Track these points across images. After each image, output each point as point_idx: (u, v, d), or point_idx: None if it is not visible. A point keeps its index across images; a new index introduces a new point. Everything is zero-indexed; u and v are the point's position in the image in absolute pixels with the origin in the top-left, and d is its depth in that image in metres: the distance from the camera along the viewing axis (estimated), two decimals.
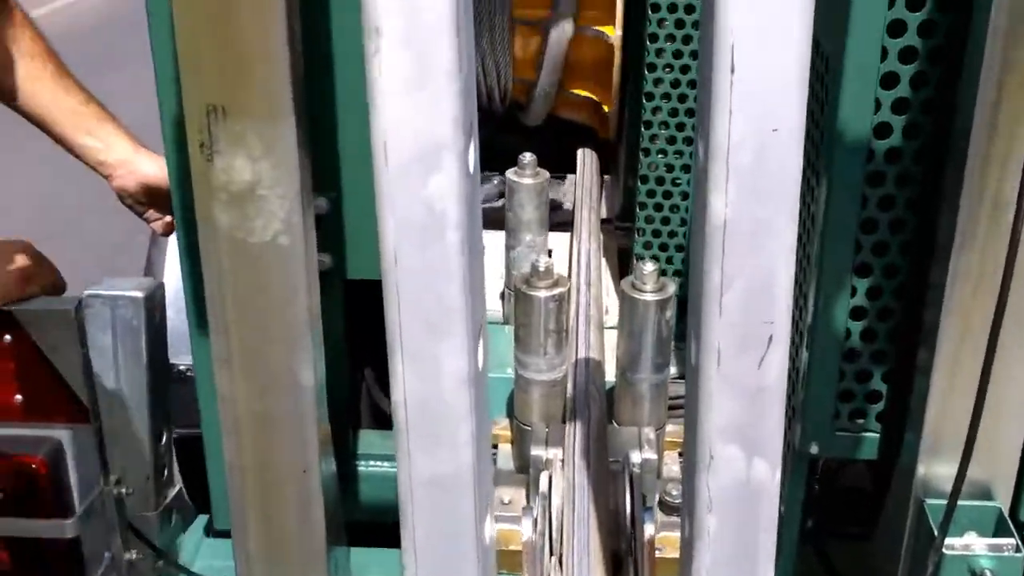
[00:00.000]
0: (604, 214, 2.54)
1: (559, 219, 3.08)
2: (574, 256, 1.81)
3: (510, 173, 1.62)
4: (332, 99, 1.11)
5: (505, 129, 2.24)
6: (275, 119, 0.86)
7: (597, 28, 1.89)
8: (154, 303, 1.17)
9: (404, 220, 0.64)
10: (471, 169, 0.67)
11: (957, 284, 1.05)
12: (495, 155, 2.38)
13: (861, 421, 1.19)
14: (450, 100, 0.61)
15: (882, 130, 1.03)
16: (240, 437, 0.99)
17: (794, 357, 1.21)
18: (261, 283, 0.91)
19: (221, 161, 0.86)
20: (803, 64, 0.64)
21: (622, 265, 2.05)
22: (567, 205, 2.95)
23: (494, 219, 1.81)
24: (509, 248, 1.66)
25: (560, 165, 2.38)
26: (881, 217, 1.08)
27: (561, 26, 1.90)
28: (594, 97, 2.03)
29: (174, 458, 1.27)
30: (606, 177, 2.44)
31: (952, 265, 1.05)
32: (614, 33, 1.84)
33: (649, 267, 1.32)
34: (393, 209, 0.64)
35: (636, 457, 1.31)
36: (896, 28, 0.99)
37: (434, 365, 0.68)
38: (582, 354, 1.52)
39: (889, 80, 1.01)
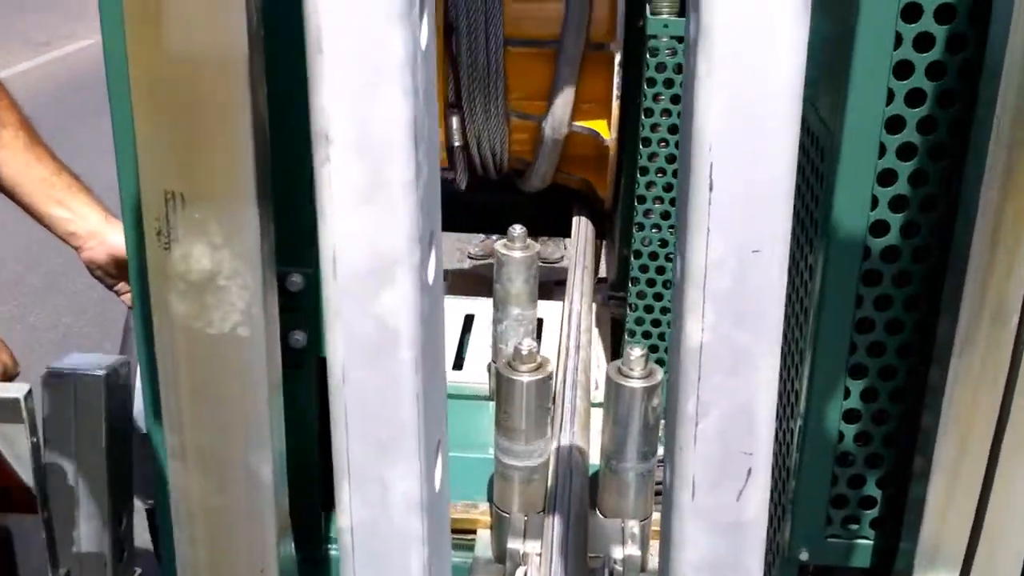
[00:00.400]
0: (603, 272, 2.51)
1: (557, 277, 3.05)
2: (565, 318, 1.77)
3: (499, 245, 1.58)
4: (308, 172, 1.07)
5: (505, 188, 2.22)
6: (238, 206, 0.81)
7: (592, 128, 1.90)
8: (117, 381, 1.12)
9: (353, 336, 0.60)
10: (431, 280, 0.62)
11: (956, 390, 1.00)
12: (496, 214, 2.35)
13: (854, 527, 1.13)
14: (405, 213, 0.57)
15: (879, 228, 0.99)
16: (193, 532, 0.93)
17: (784, 456, 1.16)
18: (218, 376, 0.86)
19: (179, 249, 0.81)
20: (788, 181, 0.59)
21: (615, 336, 2.01)
22: (565, 262, 2.90)
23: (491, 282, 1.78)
24: (497, 322, 1.62)
25: (558, 227, 2.36)
26: (877, 317, 1.03)
27: (555, 126, 1.92)
28: (589, 179, 2.03)
29: (133, 541, 1.21)
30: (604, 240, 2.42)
31: (952, 370, 1.00)
32: (608, 136, 1.85)
33: (636, 352, 1.27)
34: (342, 325, 0.59)
35: (618, 553, 1.25)
36: (894, 124, 0.95)
37: (382, 490, 0.63)
38: (566, 435, 1.47)
39: (887, 177, 0.97)
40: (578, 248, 2.07)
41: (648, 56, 1.56)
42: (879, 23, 0.91)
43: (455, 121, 1.89)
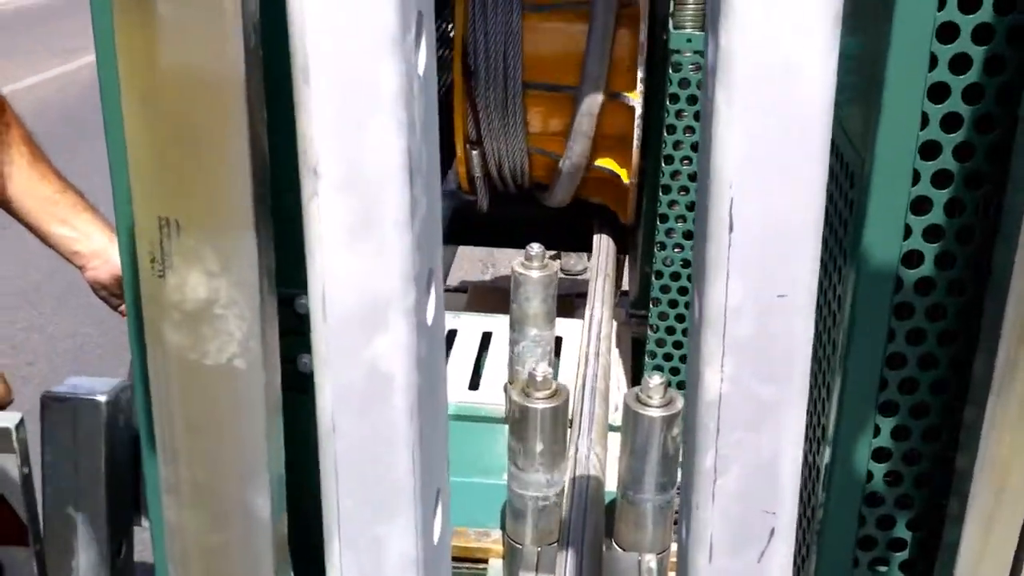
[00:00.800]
0: (626, 285, 2.47)
1: (579, 290, 2.99)
2: (585, 325, 1.73)
3: (516, 264, 1.54)
4: None
5: (526, 203, 2.19)
6: (235, 233, 0.78)
7: (612, 170, 1.87)
8: (119, 406, 1.08)
9: (343, 382, 0.56)
10: (429, 321, 0.58)
11: (994, 432, 0.94)
12: (516, 229, 2.32)
13: (883, 569, 1.07)
14: (399, 252, 0.53)
15: (912, 258, 0.94)
16: (188, 570, 0.90)
17: (810, 494, 1.11)
18: (214, 409, 0.82)
19: (174, 278, 0.77)
20: (815, 221, 0.55)
21: (636, 356, 1.96)
22: (587, 275, 2.88)
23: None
24: (513, 343, 1.57)
25: (580, 242, 2.32)
26: (909, 352, 0.97)
27: (572, 170, 1.89)
28: (608, 205, 2.01)
29: (133, 569, 1.17)
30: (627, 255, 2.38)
31: (989, 409, 0.94)
32: (628, 179, 1.82)
33: (655, 380, 1.23)
34: (331, 370, 0.55)
35: None
36: (929, 150, 0.90)
37: (376, 548, 0.59)
38: (583, 460, 1.42)
39: (921, 205, 0.92)
40: (599, 259, 2.03)
41: (671, 71, 1.51)
42: (913, 43, 0.86)
43: (476, 156, 1.87)
